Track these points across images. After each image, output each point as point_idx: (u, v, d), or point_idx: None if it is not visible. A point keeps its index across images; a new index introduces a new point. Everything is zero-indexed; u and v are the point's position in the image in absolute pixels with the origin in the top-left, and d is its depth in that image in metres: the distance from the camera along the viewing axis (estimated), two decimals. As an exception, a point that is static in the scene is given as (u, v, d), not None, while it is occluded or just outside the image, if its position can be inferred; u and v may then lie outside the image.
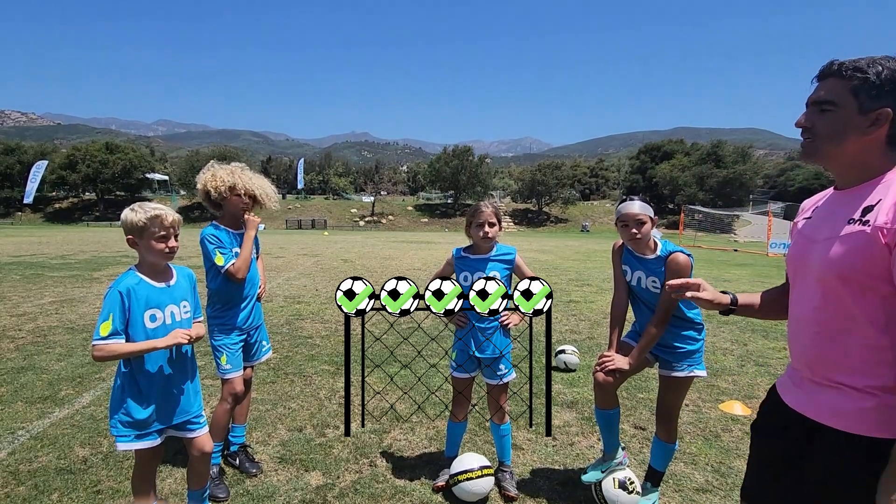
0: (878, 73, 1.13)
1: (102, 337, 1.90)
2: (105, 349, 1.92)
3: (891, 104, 1.13)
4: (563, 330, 6.46)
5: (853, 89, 1.15)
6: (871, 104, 1.14)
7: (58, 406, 3.72)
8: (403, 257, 17.33)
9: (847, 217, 1.18)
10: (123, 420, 2.05)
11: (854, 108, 1.15)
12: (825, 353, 1.23)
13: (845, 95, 1.16)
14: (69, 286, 9.50)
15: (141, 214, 1.97)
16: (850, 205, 1.20)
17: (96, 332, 1.91)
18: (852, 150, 1.19)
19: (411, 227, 50.86)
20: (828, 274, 1.19)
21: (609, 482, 2.52)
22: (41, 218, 52.36)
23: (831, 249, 1.19)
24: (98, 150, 54.73)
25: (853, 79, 1.15)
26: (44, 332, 5.88)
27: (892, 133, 1.15)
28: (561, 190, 57.01)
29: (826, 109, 1.19)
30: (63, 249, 18.20)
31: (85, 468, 2.83)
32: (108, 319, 1.91)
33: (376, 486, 2.72)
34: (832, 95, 1.18)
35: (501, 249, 2.68)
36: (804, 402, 1.29)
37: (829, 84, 1.19)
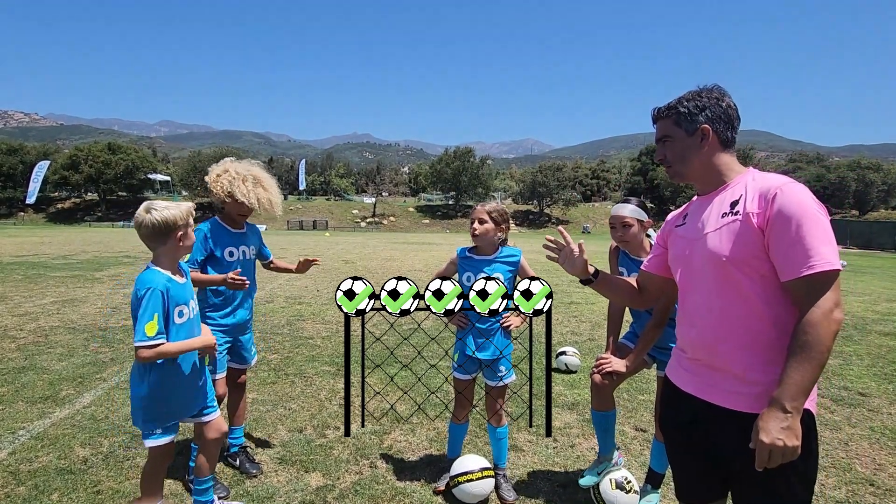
0: (686, 105, 1.45)
1: (149, 337, 1.90)
2: (154, 350, 1.92)
3: (706, 121, 1.44)
4: (564, 331, 6.45)
5: (675, 122, 1.47)
6: (691, 126, 1.45)
7: (58, 406, 3.72)
8: (404, 258, 17.33)
9: (720, 213, 1.40)
10: (154, 418, 2.03)
11: (682, 134, 1.47)
12: (722, 335, 1.37)
13: (672, 128, 1.48)
14: (71, 286, 9.51)
15: (176, 212, 2.00)
16: (718, 204, 1.43)
17: (141, 334, 1.89)
18: (700, 164, 1.47)
19: (412, 229, 50.86)
20: (718, 260, 1.36)
21: (606, 483, 2.52)
22: (43, 218, 52.48)
23: (715, 239, 1.38)
24: (100, 151, 54.86)
25: (671, 115, 1.48)
26: (45, 332, 5.89)
27: (722, 139, 1.45)
28: (562, 191, 57.00)
29: (666, 142, 1.51)
30: (65, 249, 18.23)
31: (85, 468, 2.82)
32: (152, 320, 1.90)
33: (376, 487, 2.71)
34: (665, 132, 1.50)
35: (506, 251, 2.65)
36: (702, 386, 1.44)
37: (660, 125, 1.52)
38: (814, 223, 1.22)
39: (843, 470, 2.96)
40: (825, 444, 3.30)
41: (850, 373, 4.84)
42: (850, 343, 6.01)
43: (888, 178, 59.63)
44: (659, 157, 1.55)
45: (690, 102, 1.45)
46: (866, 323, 7.23)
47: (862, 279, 13.21)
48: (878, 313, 8.06)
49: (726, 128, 1.44)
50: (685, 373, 1.51)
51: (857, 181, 57.35)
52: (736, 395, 1.35)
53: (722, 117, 1.44)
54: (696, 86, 1.50)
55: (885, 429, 3.55)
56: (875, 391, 4.33)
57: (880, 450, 3.23)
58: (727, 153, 1.46)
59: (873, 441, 3.36)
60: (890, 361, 5.24)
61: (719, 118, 1.44)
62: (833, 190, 57.69)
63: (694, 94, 1.47)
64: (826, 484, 2.80)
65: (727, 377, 1.37)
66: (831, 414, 3.82)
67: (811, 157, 72.77)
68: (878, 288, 11.39)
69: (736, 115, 1.47)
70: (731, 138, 1.46)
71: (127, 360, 4.88)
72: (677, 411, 1.53)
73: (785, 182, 1.31)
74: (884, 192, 58.98)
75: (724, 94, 1.47)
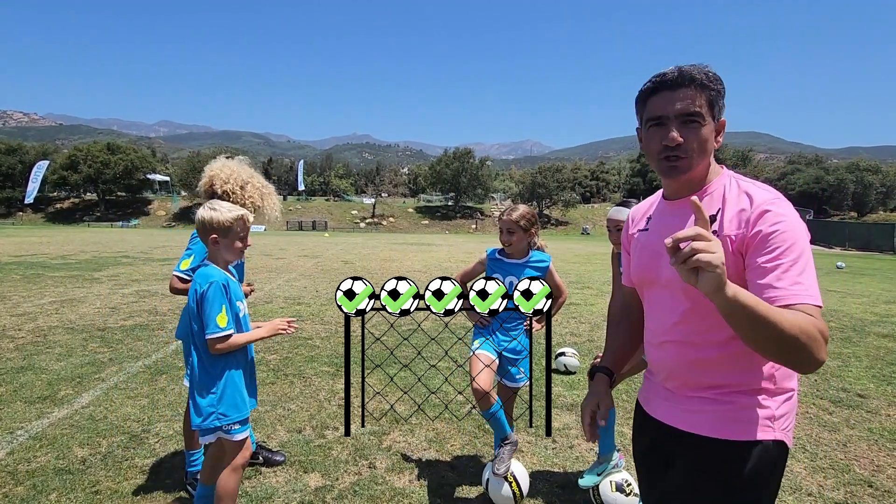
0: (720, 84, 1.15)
1: (222, 328, 1.93)
2: (227, 342, 1.95)
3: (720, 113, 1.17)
4: (564, 332, 6.45)
5: (710, 101, 1.13)
6: (718, 113, 1.16)
7: (57, 406, 3.71)
8: (404, 259, 17.33)
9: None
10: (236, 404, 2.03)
11: (711, 120, 1.15)
12: (691, 362, 1.21)
13: (706, 109, 1.13)
14: (69, 286, 9.50)
15: (228, 214, 2.01)
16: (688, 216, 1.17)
17: (213, 325, 1.92)
18: (707, 160, 1.19)
19: (412, 229, 50.88)
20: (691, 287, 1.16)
21: (606, 485, 2.52)
22: (42, 218, 52.42)
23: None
24: (100, 151, 54.82)
25: (706, 90, 1.13)
26: (44, 332, 5.88)
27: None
28: (561, 193, 57.03)
29: (694, 123, 1.13)
30: (64, 249, 18.21)
31: (83, 468, 2.82)
32: (221, 311, 1.93)
33: (375, 487, 2.71)
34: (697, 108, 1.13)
35: (536, 256, 2.70)
36: (670, 413, 1.27)
37: (689, 95, 1.12)
38: (799, 253, 1.05)
39: (841, 471, 2.97)
40: (823, 444, 3.30)
41: (848, 374, 4.84)
42: (848, 345, 6.02)
43: (886, 180, 59.73)
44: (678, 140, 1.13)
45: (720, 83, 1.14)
46: (865, 325, 7.24)
47: (860, 281, 13.22)
48: (877, 315, 8.07)
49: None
50: (651, 394, 1.37)
51: (856, 183, 57.43)
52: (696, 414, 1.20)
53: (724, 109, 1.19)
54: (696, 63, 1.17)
55: (884, 430, 3.56)
56: (873, 393, 4.34)
57: (879, 451, 3.24)
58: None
59: (872, 442, 3.36)
60: (888, 363, 5.25)
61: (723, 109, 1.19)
62: (832, 192, 57.76)
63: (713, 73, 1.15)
64: (824, 485, 2.80)
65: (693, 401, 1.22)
66: (830, 415, 3.83)
67: (810, 158, 72.88)
68: (876, 290, 11.40)
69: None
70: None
71: (126, 360, 4.88)
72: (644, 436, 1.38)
73: (768, 200, 1.11)
74: (882, 193, 59.08)
75: None
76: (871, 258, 24.17)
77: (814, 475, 2.92)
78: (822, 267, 17.53)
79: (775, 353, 1.00)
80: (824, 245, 32.77)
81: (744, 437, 1.14)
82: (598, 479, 2.56)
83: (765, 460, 1.13)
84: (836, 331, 6.77)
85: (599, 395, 1.40)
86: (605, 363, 1.49)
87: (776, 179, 66.98)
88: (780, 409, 1.16)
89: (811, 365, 0.99)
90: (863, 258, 23.93)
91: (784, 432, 1.17)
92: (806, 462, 3.07)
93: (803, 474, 2.92)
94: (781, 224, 1.07)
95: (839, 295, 10.31)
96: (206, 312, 1.94)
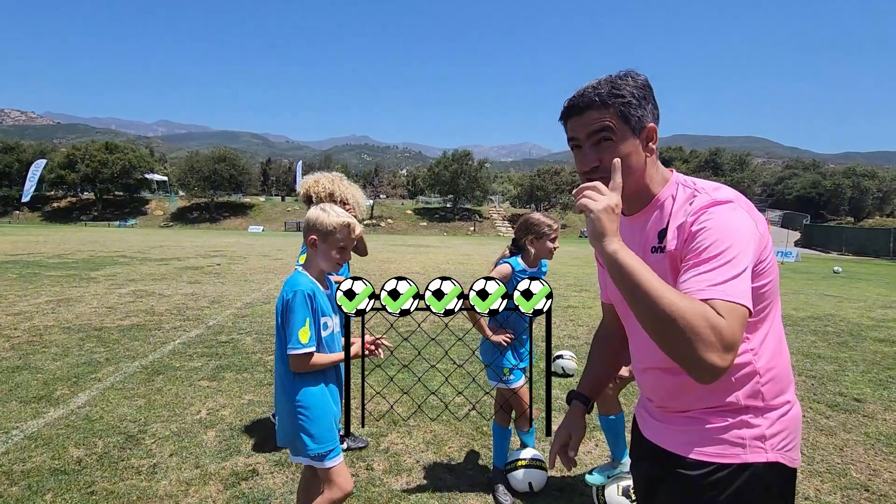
0: (631, 92, 1.08)
1: (303, 344, 1.77)
2: (311, 359, 1.80)
3: (650, 116, 1.10)
4: (561, 335, 6.45)
5: (622, 114, 1.08)
6: (639, 124, 1.09)
7: (53, 406, 3.70)
8: (402, 261, 17.32)
9: (649, 245, 1.13)
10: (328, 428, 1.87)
11: (629, 133, 1.08)
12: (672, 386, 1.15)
13: (617, 122, 1.08)
14: (66, 285, 9.46)
15: (334, 218, 1.89)
16: (645, 231, 1.15)
17: (295, 340, 1.77)
18: (640, 174, 1.12)
19: (410, 231, 50.88)
20: None
21: (613, 488, 2.52)
22: (39, 217, 52.24)
23: None
24: (97, 150, 54.68)
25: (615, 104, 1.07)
26: (39, 332, 5.86)
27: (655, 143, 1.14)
28: (560, 195, 57.12)
29: (605, 141, 1.09)
30: (60, 249, 18.15)
31: (79, 469, 2.81)
32: (304, 325, 1.77)
33: (372, 489, 2.70)
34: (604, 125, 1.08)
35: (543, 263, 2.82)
36: (657, 433, 1.22)
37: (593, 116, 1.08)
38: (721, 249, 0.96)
39: (838, 475, 2.97)
40: (820, 449, 3.31)
41: (845, 378, 4.85)
42: (845, 349, 6.04)
43: (883, 185, 60.05)
44: (592, 163, 1.10)
45: (635, 89, 1.09)
46: (861, 329, 7.26)
47: (857, 286, 13.27)
48: (873, 320, 8.09)
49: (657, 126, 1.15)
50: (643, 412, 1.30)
51: (853, 188, 57.72)
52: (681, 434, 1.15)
53: (657, 113, 1.13)
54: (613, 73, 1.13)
55: (880, 434, 3.57)
56: (870, 397, 4.35)
57: (875, 455, 3.25)
58: (655, 159, 1.16)
59: (868, 447, 3.37)
60: (885, 368, 5.26)
61: (655, 114, 1.12)
62: (829, 196, 58.02)
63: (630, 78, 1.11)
64: (821, 489, 2.81)
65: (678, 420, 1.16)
66: (826, 420, 3.84)
67: (807, 163, 73.21)
68: (872, 294, 11.44)
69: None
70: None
71: (122, 360, 4.86)
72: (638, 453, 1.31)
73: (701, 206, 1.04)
74: (879, 199, 59.38)
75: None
76: (867, 263, 24.26)
77: (811, 479, 2.92)
78: (819, 271, 17.57)
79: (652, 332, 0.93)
80: (821, 250, 32.88)
81: (728, 460, 1.06)
82: (606, 480, 2.56)
83: (754, 485, 1.05)
84: (832, 335, 6.79)
85: (571, 427, 1.38)
86: (583, 390, 1.45)
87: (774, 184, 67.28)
88: (773, 428, 1.07)
89: (692, 363, 0.88)
90: (859, 263, 24.01)
91: (781, 453, 1.07)
92: (803, 466, 3.07)
93: (800, 478, 2.93)
94: (708, 222, 1.01)
95: (836, 300, 10.34)
96: (289, 324, 1.79)
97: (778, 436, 1.07)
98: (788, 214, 49.25)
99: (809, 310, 8.88)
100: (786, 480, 1.08)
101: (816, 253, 31.35)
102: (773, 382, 1.09)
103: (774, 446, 1.06)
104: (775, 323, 1.12)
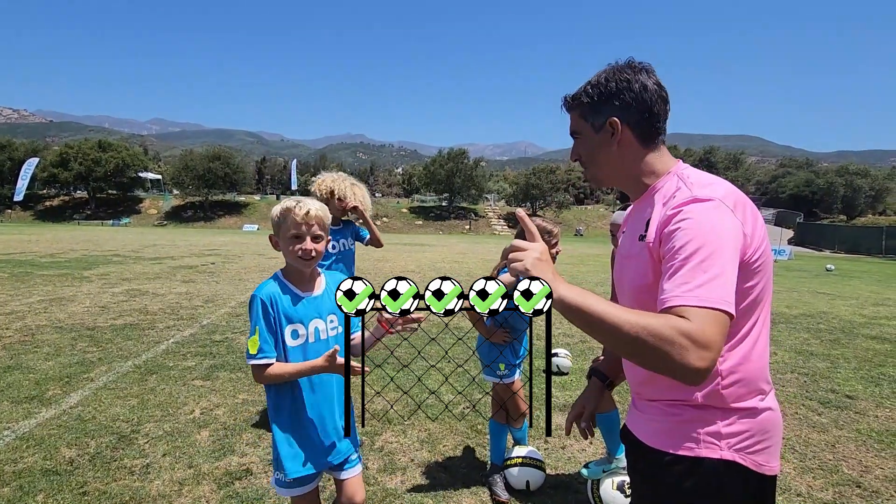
0: (590, 93, 1.17)
1: (251, 355, 1.60)
2: (262, 372, 1.61)
3: (615, 112, 1.15)
4: (556, 333, 6.47)
5: (581, 115, 1.20)
6: (598, 120, 1.17)
7: (44, 406, 3.67)
8: (398, 259, 17.30)
9: (639, 233, 1.15)
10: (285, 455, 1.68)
11: (590, 130, 1.20)
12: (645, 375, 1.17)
13: (580, 123, 1.21)
14: (58, 285, 9.39)
15: (276, 208, 1.72)
16: (639, 219, 1.18)
17: (246, 350, 1.63)
18: (614, 166, 1.21)
19: (406, 230, 50.82)
20: (635, 294, 1.16)
21: (608, 483, 2.54)
22: (31, 216, 51.79)
23: (631, 268, 1.17)
24: (90, 149, 54.22)
25: (576, 107, 1.21)
26: (31, 331, 5.81)
27: (637, 134, 1.16)
28: (555, 194, 57.21)
29: (577, 139, 1.24)
30: (53, 248, 18.00)
31: (71, 469, 2.79)
32: (254, 335, 1.61)
33: (367, 488, 2.69)
34: (574, 126, 1.23)
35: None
36: (632, 421, 1.26)
37: (571, 118, 1.24)
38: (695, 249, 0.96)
39: (830, 472, 2.99)
40: (812, 445, 3.33)
41: (837, 376, 4.89)
42: (837, 346, 6.08)
43: (875, 183, 60.50)
44: (573, 157, 1.27)
45: (595, 89, 1.16)
46: (854, 326, 7.32)
47: (849, 283, 13.37)
48: (865, 317, 8.16)
49: (644, 117, 1.14)
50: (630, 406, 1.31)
51: (846, 186, 58.11)
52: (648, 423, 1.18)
53: (636, 105, 1.14)
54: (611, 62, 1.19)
55: (872, 431, 3.60)
56: (862, 394, 4.39)
57: (867, 452, 3.27)
58: (648, 150, 1.17)
59: (860, 443, 3.40)
60: (876, 365, 5.31)
61: (632, 106, 1.14)
62: (822, 195, 58.39)
63: (601, 76, 1.17)
64: (813, 486, 2.83)
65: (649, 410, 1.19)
66: (819, 416, 3.86)
67: (801, 162, 73.68)
68: (864, 292, 11.54)
69: (658, 98, 1.14)
70: (651, 129, 1.16)
71: (115, 360, 4.83)
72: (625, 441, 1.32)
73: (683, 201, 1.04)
74: (871, 197, 59.82)
75: (640, 72, 1.15)
76: (860, 261, 24.45)
77: (803, 476, 2.94)
78: (811, 269, 17.70)
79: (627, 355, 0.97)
80: (814, 248, 33.10)
81: (683, 452, 1.08)
82: (602, 475, 2.58)
83: (705, 479, 1.06)
84: (825, 333, 6.84)
85: (587, 400, 1.48)
86: (602, 367, 1.52)
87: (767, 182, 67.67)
88: (730, 428, 1.06)
89: (674, 371, 0.89)
90: (852, 261, 24.20)
91: (738, 452, 1.06)
92: (795, 463, 3.10)
93: (792, 475, 2.95)
94: (683, 222, 1.00)
95: (829, 297, 10.42)
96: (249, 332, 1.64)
97: (737, 437, 1.06)
98: (782, 213, 49.55)
99: (802, 307, 8.94)
100: (747, 484, 1.06)
101: (809, 251, 31.58)
102: (736, 386, 1.07)
103: (731, 445, 1.06)
104: (755, 329, 1.09)
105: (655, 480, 1.14)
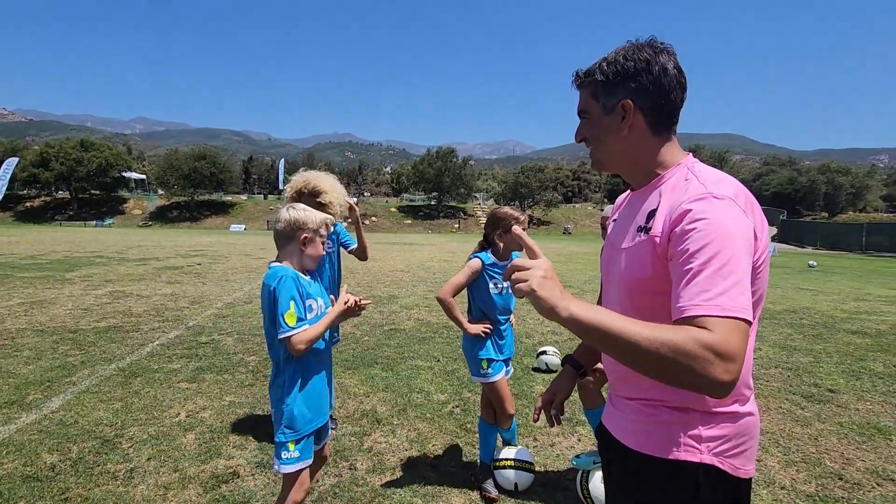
0: (604, 71, 1.10)
1: (291, 327, 1.80)
2: (303, 338, 1.82)
3: (629, 94, 1.08)
4: (545, 331, 6.49)
5: (593, 93, 1.13)
6: (610, 101, 1.10)
7: (25, 411, 3.59)
8: (386, 259, 17.24)
9: (637, 224, 1.10)
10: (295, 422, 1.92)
11: (599, 110, 1.12)
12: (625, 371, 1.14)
13: (590, 101, 1.14)
14: (39, 287, 9.20)
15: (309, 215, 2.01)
16: (639, 209, 1.12)
17: (283, 325, 1.80)
18: (621, 151, 1.14)
19: (394, 229, 50.69)
20: (627, 286, 1.11)
21: (598, 475, 2.55)
22: (11, 217, 50.68)
23: (626, 260, 1.11)
24: (72, 148, 53.19)
25: (588, 84, 1.14)
26: (11, 335, 5.68)
27: (650, 121, 1.09)
28: (543, 192, 57.45)
29: (584, 118, 1.17)
30: (34, 249, 17.64)
31: (52, 475, 2.73)
32: (289, 309, 1.81)
33: (356, 489, 2.68)
34: (583, 105, 1.16)
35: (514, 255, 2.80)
36: (609, 418, 1.24)
37: (581, 94, 1.17)
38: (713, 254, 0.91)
39: (812, 465, 3.05)
40: (796, 439, 3.39)
41: (819, 370, 4.98)
42: (819, 341, 6.19)
43: (856, 181, 61.71)
44: (578, 138, 1.20)
45: (611, 67, 1.09)
46: (835, 322, 7.46)
47: (831, 279, 13.63)
48: (847, 312, 8.32)
49: (659, 104, 1.08)
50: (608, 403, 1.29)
51: (827, 184, 59.21)
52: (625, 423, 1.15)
53: (654, 89, 1.07)
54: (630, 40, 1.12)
55: (853, 424, 3.67)
56: (843, 388, 4.47)
57: (848, 444, 3.34)
58: (659, 138, 1.11)
59: (842, 436, 3.46)
60: (857, 359, 5.41)
61: (649, 90, 1.07)
62: (804, 192, 59.44)
63: (619, 54, 1.10)
64: (797, 479, 2.88)
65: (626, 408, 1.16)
66: (802, 410, 3.93)
67: (784, 160, 74.90)
68: (846, 288, 11.76)
69: (677, 84, 1.08)
70: (665, 117, 1.10)
71: (98, 363, 4.74)
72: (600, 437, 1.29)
73: (695, 196, 0.99)
74: (852, 194, 61.01)
75: (661, 53, 1.07)
76: (841, 257, 24.92)
77: (787, 469, 2.99)
78: (794, 265, 18.00)
79: (646, 372, 0.90)
80: (797, 244, 33.69)
81: (662, 455, 1.05)
82: (592, 465, 2.59)
83: (683, 483, 1.03)
84: (807, 328, 6.96)
85: (558, 387, 1.49)
86: (576, 354, 1.53)
87: (752, 180, 68.70)
88: (712, 431, 1.03)
89: (700, 386, 0.86)
90: (833, 257, 24.66)
91: (719, 457, 1.03)
92: (779, 456, 3.14)
93: (776, 468, 2.99)
94: (699, 222, 0.94)
95: (811, 293, 10.60)
96: (277, 312, 1.82)
97: (719, 440, 1.04)
98: (766, 210, 50.32)
99: (786, 303, 9.09)
100: (725, 488, 1.04)
101: (792, 248, 32.13)
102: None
103: (711, 449, 1.03)
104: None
105: (631, 482, 1.12)
